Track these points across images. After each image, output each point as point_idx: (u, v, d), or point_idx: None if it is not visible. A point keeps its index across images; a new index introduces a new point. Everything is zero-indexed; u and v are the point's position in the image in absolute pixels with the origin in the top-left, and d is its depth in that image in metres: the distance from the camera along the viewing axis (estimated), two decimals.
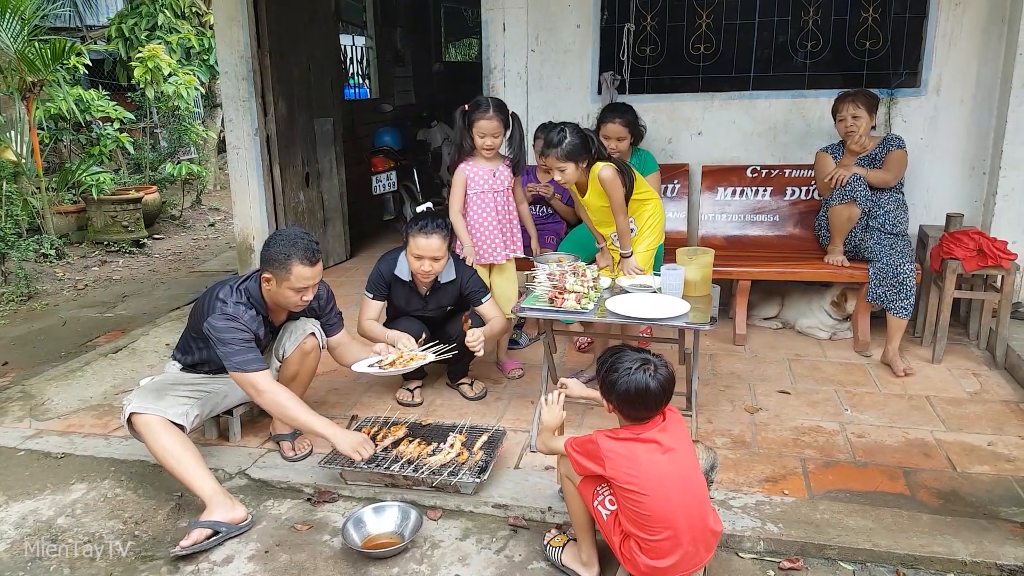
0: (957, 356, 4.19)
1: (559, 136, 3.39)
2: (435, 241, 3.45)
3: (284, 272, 2.92)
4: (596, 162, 3.48)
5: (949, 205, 4.61)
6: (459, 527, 2.78)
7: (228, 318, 2.92)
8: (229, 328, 2.91)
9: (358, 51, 8.72)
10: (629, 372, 2.24)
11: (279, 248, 2.93)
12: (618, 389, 2.25)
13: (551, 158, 3.42)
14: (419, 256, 3.48)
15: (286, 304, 3.05)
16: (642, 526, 2.19)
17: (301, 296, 2.99)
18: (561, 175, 3.45)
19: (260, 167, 5.73)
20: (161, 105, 9.40)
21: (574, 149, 3.39)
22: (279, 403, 2.90)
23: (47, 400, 3.88)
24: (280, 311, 3.18)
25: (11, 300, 5.86)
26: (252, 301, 3.04)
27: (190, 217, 9.31)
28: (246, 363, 2.90)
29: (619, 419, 2.34)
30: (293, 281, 2.93)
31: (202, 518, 2.71)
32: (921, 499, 2.85)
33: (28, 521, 2.86)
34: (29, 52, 7.11)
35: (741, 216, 4.86)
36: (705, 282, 3.32)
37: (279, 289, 2.96)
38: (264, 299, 3.07)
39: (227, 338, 2.90)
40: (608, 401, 2.33)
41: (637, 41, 4.95)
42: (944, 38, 4.51)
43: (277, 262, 2.92)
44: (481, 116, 3.73)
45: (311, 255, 2.93)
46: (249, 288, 3.06)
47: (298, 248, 2.92)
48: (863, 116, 4.11)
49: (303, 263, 2.92)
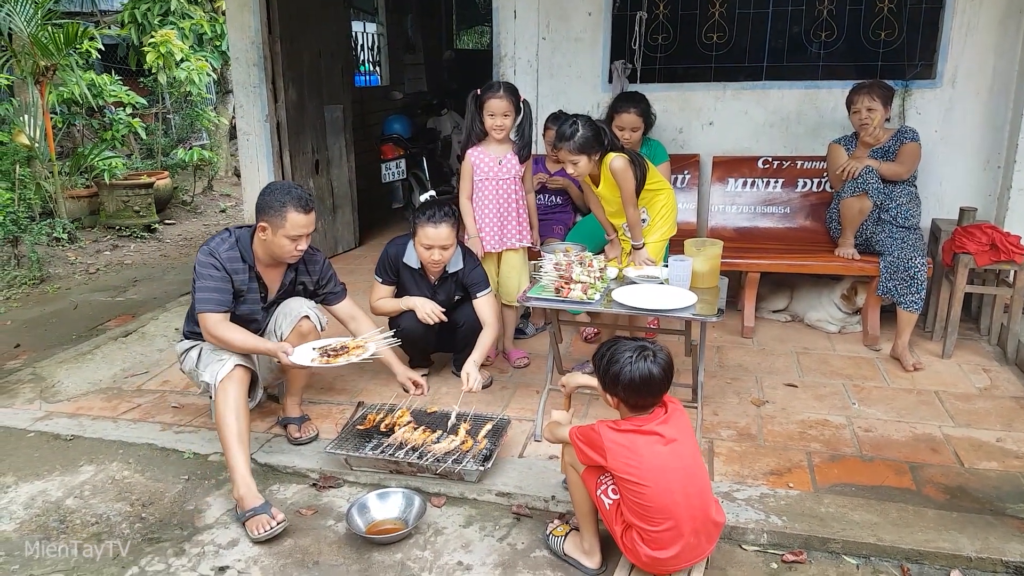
0: (967, 351, 4.15)
1: (571, 129, 3.35)
2: (443, 230, 3.46)
3: (279, 219, 2.95)
4: (608, 152, 3.46)
5: (963, 199, 4.56)
6: (462, 514, 2.79)
7: (207, 253, 3.01)
8: (204, 263, 3.00)
9: (369, 38, 8.70)
10: (631, 361, 2.24)
11: (274, 196, 2.97)
12: (622, 379, 2.25)
13: (563, 151, 3.39)
14: (428, 246, 3.49)
15: (280, 254, 3.05)
16: (644, 517, 2.19)
17: (296, 245, 3.02)
18: (574, 168, 3.43)
19: (270, 153, 5.74)
20: (173, 91, 9.41)
21: (586, 142, 3.36)
22: (222, 338, 2.98)
23: (57, 383, 3.91)
24: (272, 269, 3.18)
25: (24, 283, 5.90)
26: (239, 244, 3.08)
27: (201, 203, 9.33)
28: (202, 301, 2.99)
29: (621, 410, 2.34)
30: (288, 228, 2.96)
31: None
32: (927, 494, 2.84)
33: (37, 502, 2.89)
34: (42, 36, 7.12)
35: (752, 207, 4.83)
36: (713, 273, 3.30)
37: (274, 238, 2.99)
38: (255, 250, 3.09)
39: (199, 272, 3.01)
40: (612, 394, 2.32)
41: (649, 30, 4.91)
42: (961, 30, 4.46)
43: (272, 209, 2.95)
44: (492, 96, 3.74)
45: (305, 203, 2.98)
46: (240, 235, 3.10)
47: (292, 196, 2.97)
48: (878, 108, 4.07)
49: (298, 210, 2.95)
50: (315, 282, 3.35)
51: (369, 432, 3.16)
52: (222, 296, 3.00)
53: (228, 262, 3.02)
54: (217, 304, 2.99)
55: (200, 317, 3.01)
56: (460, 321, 3.73)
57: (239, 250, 3.07)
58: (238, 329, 3.03)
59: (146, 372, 4.07)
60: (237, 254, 3.06)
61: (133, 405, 3.67)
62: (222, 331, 2.98)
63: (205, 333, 3.03)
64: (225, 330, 2.99)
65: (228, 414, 2.85)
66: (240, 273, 3.07)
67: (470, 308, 3.71)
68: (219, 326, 2.98)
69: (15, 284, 5.87)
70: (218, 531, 2.72)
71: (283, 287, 3.27)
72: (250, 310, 3.17)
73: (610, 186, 3.54)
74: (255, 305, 3.18)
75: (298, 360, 3.01)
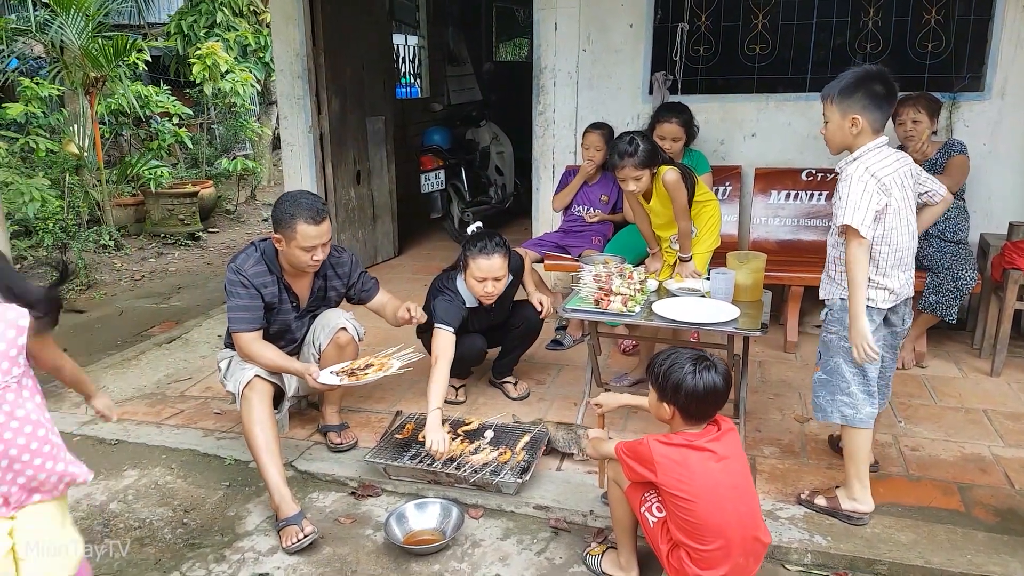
0: (1017, 369, 4.04)
1: (633, 146, 3.32)
2: (496, 261, 3.35)
3: (290, 232, 2.94)
4: (660, 166, 3.44)
5: (1012, 213, 4.44)
6: (500, 527, 2.78)
7: (234, 271, 3.03)
8: (233, 282, 3.02)
9: (410, 50, 8.78)
10: (694, 372, 2.19)
11: (283, 208, 2.97)
12: (685, 388, 2.19)
13: (628, 168, 3.34)
14: (482, 279, 3.35)
15: (299, 264, 3.05)
16: (694, 535, 2.15)
17: (311, 256, 3.01)
18: (636, 184, 3.39)
19: (313, 164, 5.81)
20: (218, 101, 9.58)
21: (648, 156, 3.35)
22: (253, 356, 3.02)
23: (103, 387, 3.99)
24: (300, 278, 3.20)
25: (71, 289, 6.04)
26: (265, 258, 3.09)
27: (244, 212, 9.47)
28: (233, 320, 3.03)
29: (675, 423, 2.28)
30: (300, 240, 2.95)
31: None
32: (976, 516, 2.76)
33: (82, 505, 2.95)
34: (93, 48, 7.30)
35: (795, 220, 4.76)
36: (756, 287, 3.26)
37: (289, 249, 2.99)
38: (279, 261, 3.11)
39: (228, 291, 3.04)
40: (671, 404, 2.24)
41: (691, 41, 4.88)
42: (1010, 41, 4.36)
43: (283, 222, 2.96)
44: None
45: (315, 214, 2.95)
46: (264, 247, 3.12)
47: (301, 207, 2.95)
48: (924, 120, 3.99)
49: (307, 222, 2.93)
50: (345, 284, 3.36)
51: (407, 441, 3.17)
52: (252, 315, 3.03)
53: (255, 277, 3.04)
54: (248, 323, 3.03)
55: (234, 337, 3.06)
56: (517, 323, 3.71)
57: (265, 263, 3.09)
58: (269, 347, 3.06)
59: (189, 378, 4.13)
60: (264, 267, 3.08)
61: (176, 411, 3.73)
62: (254, 349, 3.02)
63: (239, 351, 3.08)
64: (257, 348, 3.03)
65: (253, 427, 2.88)
66: (270, 286, 3.09)
67: (529, 309, 3.67)
68: (251, 345, 3.02)
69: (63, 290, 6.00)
70: (258, 538, 2.74)
71: (313, 294, 3.29)
72: (284, 321, 3.21)
73: (661, 199, 3.52)
74: (288, 315, 3.21)
75: (325, 381, 3.01)
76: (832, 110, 2.66)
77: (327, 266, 3.25)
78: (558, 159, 5.24)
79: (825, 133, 2.73)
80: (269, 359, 3.02)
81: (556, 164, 5.24)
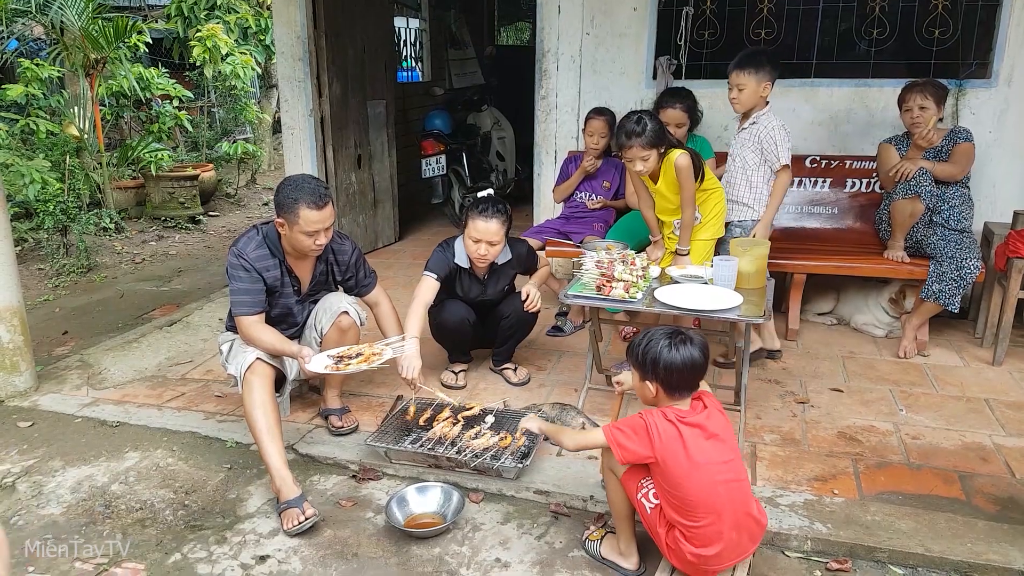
0: (1019, 359, 4.04)
1: (640, 125, 3.30)
2: (493, 225, 3.41)
3: (293, 216, 2.93)
4: (672, 149, 3.41)
5: (1017, 202, 4.42)
6: (500, 511, 2.78)
7: (235, 255, 3.03)
8: (234, 265, 3.03)
9: (411, 34, 8.72)
10: (671, 345, 2.23)
11: (287, 192, 2.96)
12: (664, 362, 2.22)
13: (635, 147, 3.32)
14: (476, 239, 3.43)
15: (302, 248, 3.05)
16: (685, 512, 2.17)
17: (314, 240, 3.00)
18: (643, 164, 3.37)
19: (313, 148, 5.78)
20: (218, 84, 9.53)
21: (656, 135, 3.32)
22: (254, 338, 3.03)
23: (104, 370, 3.99)
24: (302, 261, 3.20)
25: (72, 272, 6.03)
26: (267, 241, 3.09)
27: (245, 195, 9.45)
28: (235, 304, 3.04)
29: (660, 399, 2.29)
30: (302, 224, 2.94)
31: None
32: (977, 504, 2.76)
33: (84, 486, 2.95)
34: (93, 30, 7.26)
35: (798, 207, 4.74)
36: (759, 274, 3.24)
37: (292, 234, 2.99)
38: (282, 244, 3.11)
39: (230, 275, 3.05)
40: (652, 379, 2.26)
41: (695, 25, 4.85)
42: (1018, 28, 4.32)
43: (285, 206, 2.94)
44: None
45: (318, 198, 2.94)
46: (267, 231, 3.11)
47: (304, 192, 2.93)
48: (931, 107, 3.96)
49: (310, 207, 2.92)
50: (343, 272, 3.36)
51: (408, 425, 3.17)
52: (253, 298, 3.04)
53: (257, 261, 3.04)
54: (250, 306, 3.03)
55: (235, 320, 3.07)
56: (506, 312, 3.70)
57: (268, 246, 3.09)
58: (269, 330, 3.07)
59: (190, 361, 4.13)
60: (266, 251, 3.08)
61: (177, 393, 3.72)
62: (254, 332, 3.03)
63: (240, 334, 3.10)
64: (257, 331, 3.04)
65: (255, 410, 2.88)
66: (272, 269, 3.09)
67: (516, 300, 3.67)
68: (252, 328, 3.03)
69: (63, 272, 6.00)
70: (259, 520, 2.74)
71: (315, 278, 3.29)
72: (286, 304, 3.21)
73: (669, 183, 3.49)
74: (290, 299, 3.21)
75: (314, 368, 2.99)
76: (748, 79, 3.60)
77: (329, 251, 3.25)
78: (560, 144, 5.21)
79: (740, 97, 3.65)
80: (268, 342, 3.03)
81: (558, 150, 5.21)
